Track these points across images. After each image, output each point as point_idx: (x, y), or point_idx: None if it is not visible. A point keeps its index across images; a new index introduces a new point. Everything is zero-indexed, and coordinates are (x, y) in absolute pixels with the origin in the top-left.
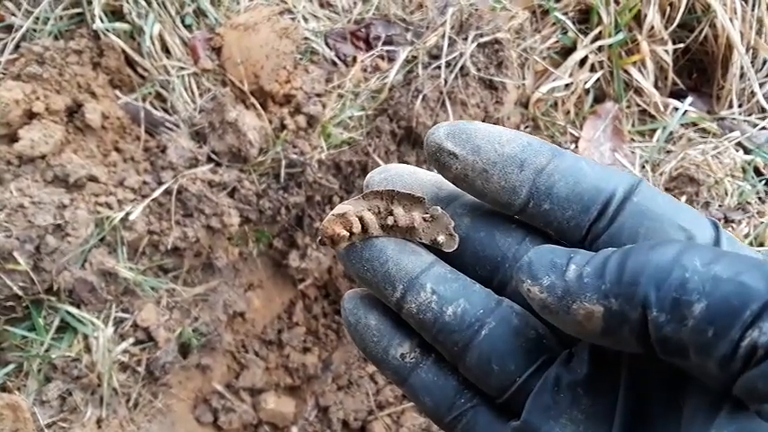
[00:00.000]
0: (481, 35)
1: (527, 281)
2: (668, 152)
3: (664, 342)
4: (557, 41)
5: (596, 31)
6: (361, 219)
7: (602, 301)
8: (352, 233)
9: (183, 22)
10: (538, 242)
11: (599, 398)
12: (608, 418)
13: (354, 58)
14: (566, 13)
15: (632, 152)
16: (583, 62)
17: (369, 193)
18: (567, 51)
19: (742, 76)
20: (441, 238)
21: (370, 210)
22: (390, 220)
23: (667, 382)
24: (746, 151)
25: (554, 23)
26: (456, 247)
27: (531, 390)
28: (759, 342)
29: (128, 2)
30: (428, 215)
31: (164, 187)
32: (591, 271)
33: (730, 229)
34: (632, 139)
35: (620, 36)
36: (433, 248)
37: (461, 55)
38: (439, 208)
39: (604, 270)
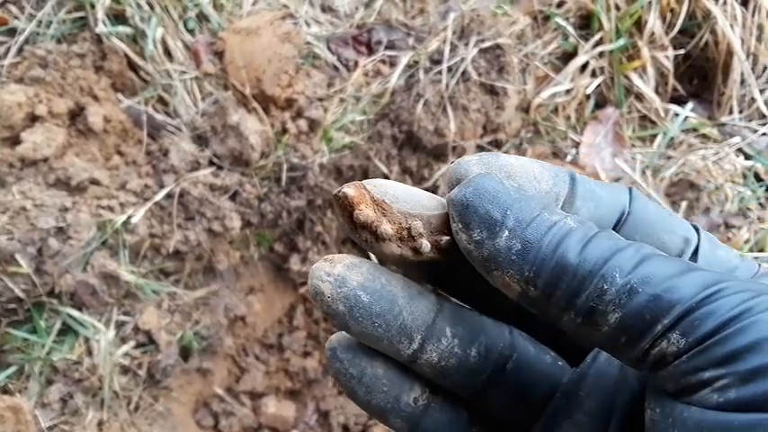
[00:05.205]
0: (482, 40)
1: (457, 222)
2: (669, 158)
3: (577, 334)
4: (558, 47)
5: (597, 37)
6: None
7: (522, 284)
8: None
9: (185, 26)
10: None
11: (599, 401)
12: (607, 418)
13: (356, 63)
14: (567, 19)
15: (633, 158)
16: (584, 68)
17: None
18: (567, 57)
19: (742, 82)
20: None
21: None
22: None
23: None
24: (747, 157)
25: (555, 29)
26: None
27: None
28: (667, 351)
29: (131, 6)
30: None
31: (165, 191)
32: (521, 249)
33: (731, 234)
34: (633, 145)
35: (621, 42)
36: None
37: (463, 60)
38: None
39: (533, 254)
